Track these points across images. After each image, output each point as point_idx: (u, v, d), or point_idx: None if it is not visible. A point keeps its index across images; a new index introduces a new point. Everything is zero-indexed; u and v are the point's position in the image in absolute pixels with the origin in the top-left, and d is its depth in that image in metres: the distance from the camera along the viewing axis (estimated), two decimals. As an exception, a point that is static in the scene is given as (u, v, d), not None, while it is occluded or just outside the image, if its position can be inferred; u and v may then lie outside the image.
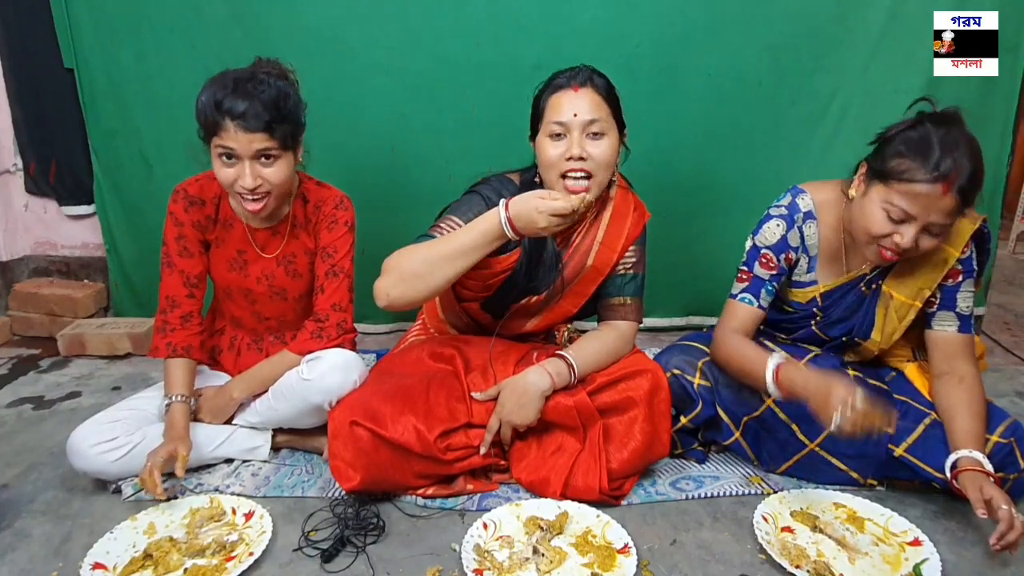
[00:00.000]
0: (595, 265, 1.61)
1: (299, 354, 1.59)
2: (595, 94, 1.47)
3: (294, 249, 1.66)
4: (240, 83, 1.43)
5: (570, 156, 1.44)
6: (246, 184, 1.46)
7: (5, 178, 2.64)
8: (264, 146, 1.44)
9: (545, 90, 1.52)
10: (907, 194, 1.33)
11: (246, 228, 1.64)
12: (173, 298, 1.63)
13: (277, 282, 1.68)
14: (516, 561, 1.29)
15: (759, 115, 2.35)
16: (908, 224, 1.35)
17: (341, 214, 1.64)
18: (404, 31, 2.25)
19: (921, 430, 1.49)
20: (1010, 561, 1.32)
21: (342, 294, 1.63)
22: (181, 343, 1.61)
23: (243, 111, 1.41)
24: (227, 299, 1.74)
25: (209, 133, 1.45)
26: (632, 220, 1.62)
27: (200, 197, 1.62)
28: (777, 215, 1.56)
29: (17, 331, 2.60)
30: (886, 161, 1.37)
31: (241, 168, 1.45)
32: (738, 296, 1.59)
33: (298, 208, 1.66)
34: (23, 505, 1.52)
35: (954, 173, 1.28)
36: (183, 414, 1.55)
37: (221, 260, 1.66)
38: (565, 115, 1.45)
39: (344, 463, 1.43)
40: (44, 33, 2.35)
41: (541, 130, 1.49)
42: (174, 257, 1.62)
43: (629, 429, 1.52)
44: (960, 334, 1.52)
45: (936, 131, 1.33)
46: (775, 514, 1.44)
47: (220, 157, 1.46)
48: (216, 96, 1.42)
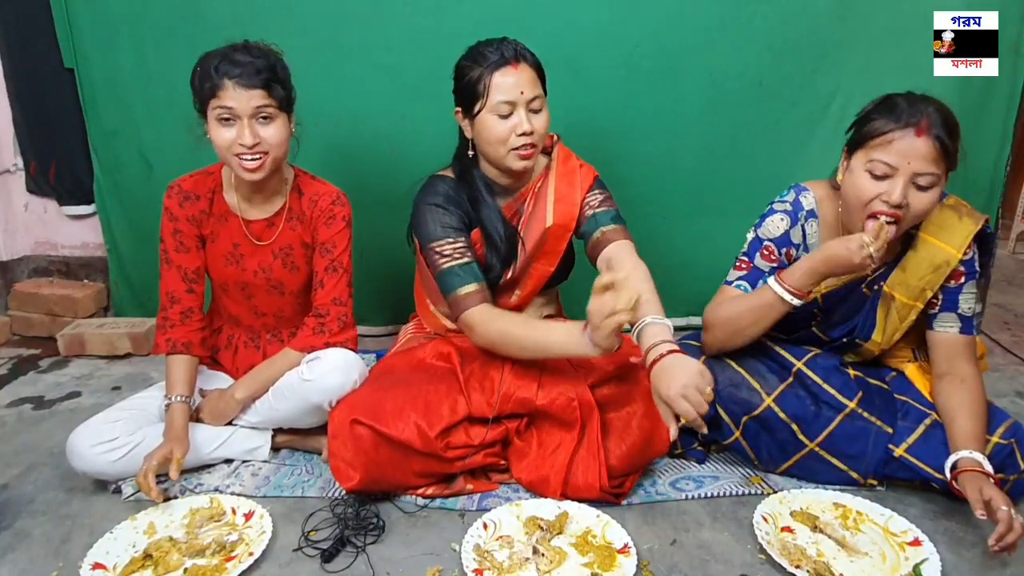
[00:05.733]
0: (557, 222, 1.65)
1: (301, 350, 1.60)
2: (530, 69, 1.53)
3: (290, 240, 1.66)
4: (234, 48, 1.47)
5: (523, 132, 1.50)
6: (245, 141, 1.46)
7: (5, 178, 2.64)
8: (262, 103, 1.46)
9: (475, 64, 1.52)
10: (883, 146, 1.36)
11: (241, 220, 1.64)
12: (172, 294, 1.63)
13: (274, 275, 1.67)
14: (516, 561, 1.29)
15: (759, 115, 2.35)
16: (894, 179, 1.36)
17: (339, 210, 1.65)
18: (404, 31, 2.25)
19: (921, 431, 1.49)
20: (1009, 562, 1.32)
21: (341, 289, 1.64)
22: (181, 339, 1.61)
23: (240, 71, 1.43)
24: (224, 295, 1.74)
25: (207, 97, 1.46)
26: (580, 175, 1.68)
27: (194, 192, 1.62)
28: (781, 209, 1.55)
29: (17, 331, 2.60)
30: (860, 130, 1.42)
31: (240, 127, 1.46)
32: (733, 282, 1.58)
33: (294, 200, 1.66)
34: (23, 505, 1.52)
35: (924, 118, 1.33)
36: (182, 415, 1.55)
37: (217, 254, 1.66)
38: (512, 94, 1.49)
39: (344, 462, 1.44)
40: (44, 33, 2.35)
41: (484, 108, 1.52)
42: (171, 253, 1.63)
43: (627, 424, 1.52)
44: (962, 335, 1.52)
45: (903, 96, 1.39)
46: (775, 514, 1.44)
47: (219, 120, 1.47)
48: (212, 62, 1.45)
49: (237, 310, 1.74)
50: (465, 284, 1.53)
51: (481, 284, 1.55)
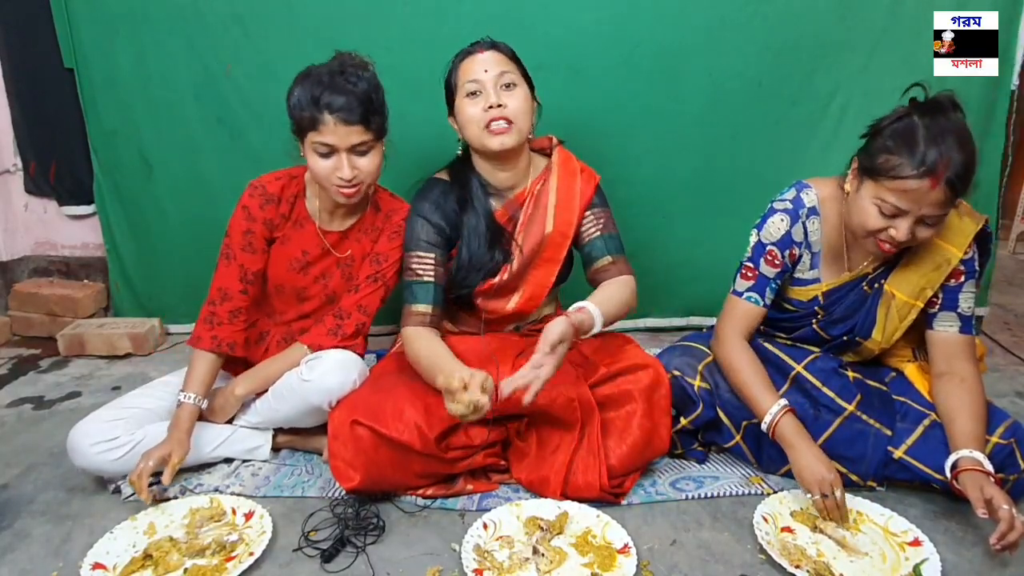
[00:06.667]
0: (557, 228, 1.65)
1: (310, 346, 1.61)
2: (499, 53, 1.56)
3: (356, 253, 1.68)
4: (335, 77, 1.46)
5: (489, 105, 1.52)
6: (344, 176, 1.49)
7: (5, 178, 2.64)
8: (361, 139, 1.48)
9: (454, 62, 1.59)
10: (896, 190, 1.32)
11: (319, 229, 1.65)
12: (226, 291, 1.61)
13: (332, 283, 1.68)
14: (516, 561, 1.29)
15: (759, 115, 2.35)
16: (901, 218, 1.35)
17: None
18: (404, 31, 2.26)
19: (920, 431, 1.49)
20: (1010, 561, 1.32)
21: (373, 300, 1.65)
22: (227, 338, 1.60)
23: (341, 105, 1.44)
24: (276, 296, 1.73)
25: (306, 128, 1.47)
26: (582, 180, 1.68)
27: (278, 195, 1.63)
28: (781, 209, 1.55)
29: (17, 331, 2.60)
30: (874, 158, 1.36)
31: (339, 160, 1.48)
32: (744, 294, 1.59)
33: (370, 215, 1.68)
34: (23, 505, 1.52)
35: (941, 166, 1.27)
36: (190, 417, 1.53)
37: (282, 258, 1.66)
38: (477, 73, 1.53)
39: (344, 463, 1.44)
40: (44, 33, 2.35)
41: (458, 96, 1.56)
42: (236, 250, 1.61)
43: (627, 423, 1.52)
44: (961, 335, 1.52)
45: (922, 122, 1.31)
46: (775, 514, 1.44)
47: (315, 152, 1.49)
48: (313, 92, 1.45)
49: (284, 308, 1.74)
50: (416, 302, 1.60)
51: (429, 306, 1.60)
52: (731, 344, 1.57)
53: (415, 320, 1.59)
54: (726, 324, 1.60)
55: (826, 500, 1.37)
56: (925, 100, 1.36)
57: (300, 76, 1.50)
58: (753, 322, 1.59)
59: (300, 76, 1.50)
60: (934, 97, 1.35)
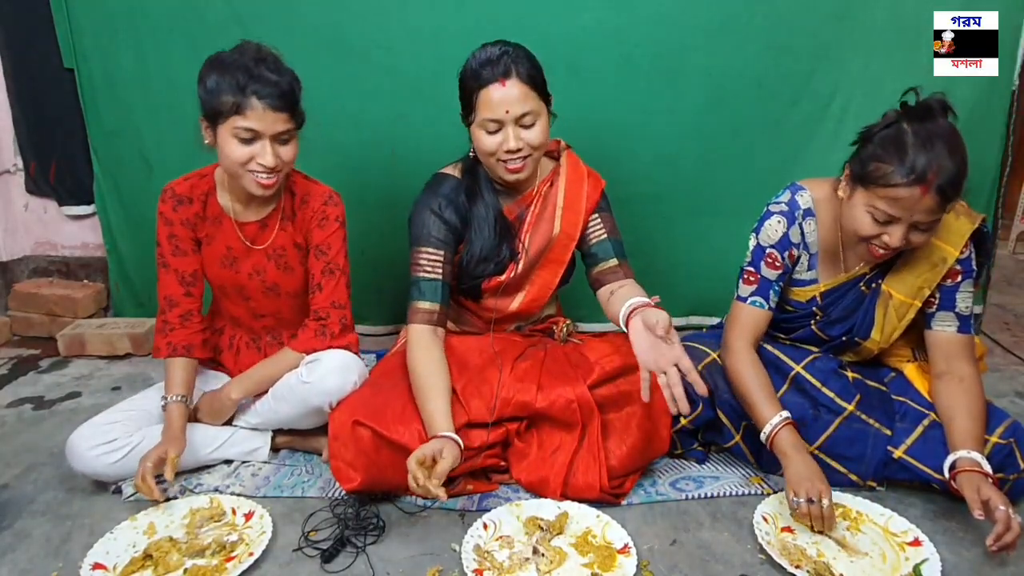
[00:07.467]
0: (564, 230, 1.66)
1: (303, 351, 1.60)
2: (521, 84, 1.48)
3: (283, 242, 1.66)
4: (259, 64, 1.44)
5: (508, 149, 1.51)
6: (266, 163, 1.46)
7: (5, 178, 2.64)
8: (286, 127, 1.47)
9: (470, 78, 1.52)
10: (887, 198, 1.33)
11: (234, 223, 1.64)
12: (171, 298, 1.63)
13: (269, 277, 1.67)
14: (516, 561, 1.29)
15: (759, 115, 2.34)
16: (895, 225, 1.35)
17: (331, 210, 1.63)
18: (404, 31, 2.25)
19: (920, 431, 1.49)
20: (1009, 561, 1.32)
21: (340, 292, 1.63)
22: (181, 342, 1.62)
23: (270, 92, 1.42)
24: (224, 298, 1.74)
25: (227, 114, 1.43)
26: (589, 184, 1.69)
27: (188, 195, 1.61)
28: (777, 211, 1.55)
29: (17, 331, 2.60)
30: (864, 165, 1.36)
31: (262, 147, 1.46)
32: (748, 300, 1.58)
33: (286, 201, 1.65)
34: (23, 505, 1.52)
35: (931, 173, 1.27)
36: (180, 415, 1.55)
37: (212, 257, 1.66)
38: (498, 112, 1.48)
39: (345, 464, 1.43)
40: (44, 33, 2.35)
41: (475, 122, 1.54)
42: (168, 257, 1.63)
43: (627, 424, 1.52)
44: (960, 334, 1.52)
45: (911, 128, 1.31)
46: (775, 514, 1.44)
47: (236, 137, 1.45)
48: (239, 78, 1.42)
49: (236, 311, 1.74)
50: (423, 299, 1.59)
51: (436, 304, 1.59)
52: (738, 355, 1.55)
53: (421, 317, 1.58)
54: (733, 332, 1.59)
55: (811, 506, 1.32)
56: (915, 104, 1.35)
57: (213, 62, 1.46)
58: (760, 326, 1.58)
59: (213, 62, 1.46)
60: (924, 101, 1.35)
